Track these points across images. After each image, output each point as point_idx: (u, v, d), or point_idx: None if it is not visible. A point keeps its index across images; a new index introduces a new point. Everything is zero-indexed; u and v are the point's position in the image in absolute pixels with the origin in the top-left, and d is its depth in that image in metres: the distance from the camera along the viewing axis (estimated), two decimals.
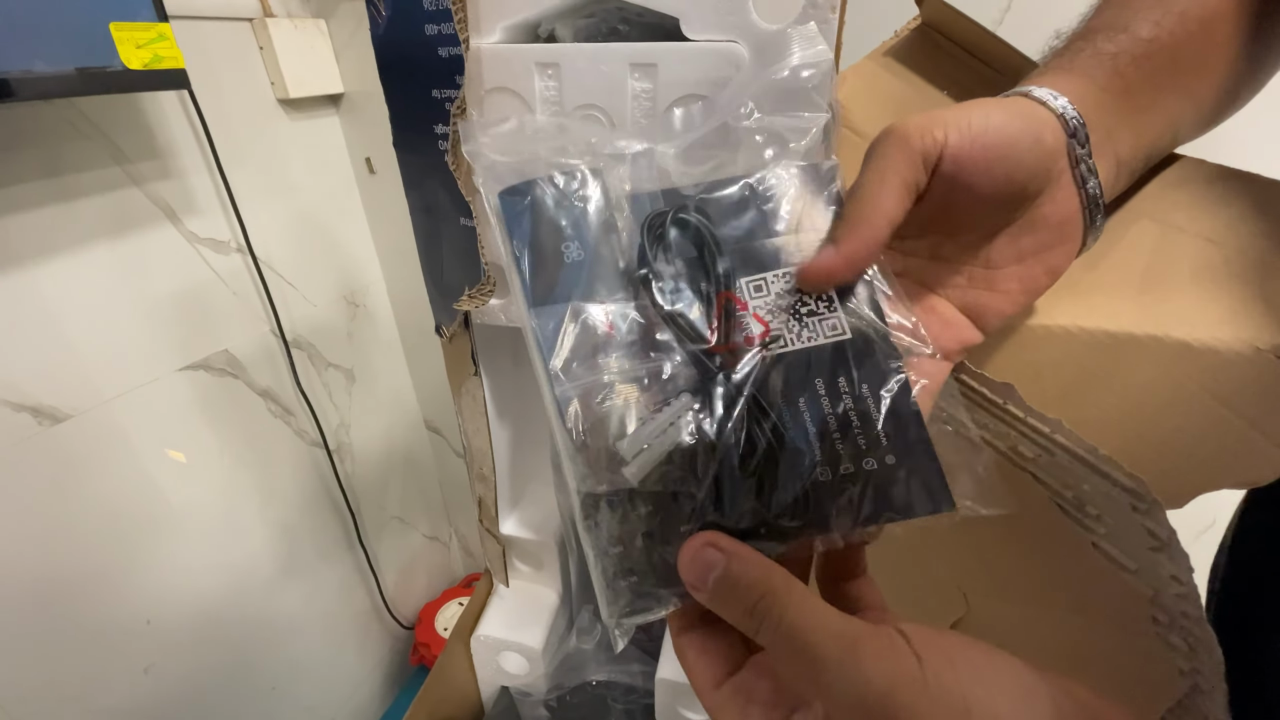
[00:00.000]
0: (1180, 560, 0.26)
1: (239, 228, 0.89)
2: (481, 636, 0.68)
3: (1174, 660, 0.27)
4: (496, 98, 0.40)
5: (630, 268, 0.25)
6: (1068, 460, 0.28)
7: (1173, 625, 0.27)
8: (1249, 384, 0.26)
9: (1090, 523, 0.29)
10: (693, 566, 0.22)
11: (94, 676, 0.83)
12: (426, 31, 0.40)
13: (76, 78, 0.59)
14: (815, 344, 0.24)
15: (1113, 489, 0.27)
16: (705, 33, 0.36)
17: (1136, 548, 0.27)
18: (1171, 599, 0.27)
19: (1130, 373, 0.29)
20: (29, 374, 0.71)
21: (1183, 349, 0.27)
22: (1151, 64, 0.29)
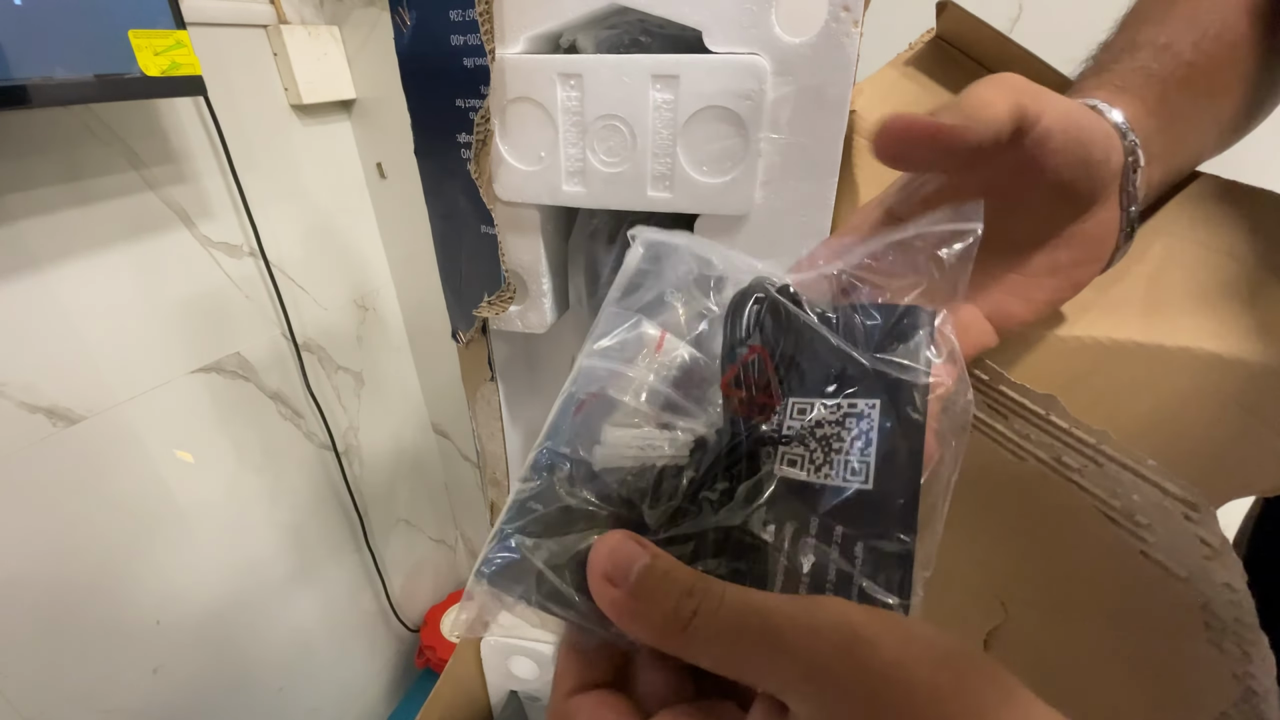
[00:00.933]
0: (1233, 567, 0.26)
1: (252, 232, 0.90)
2: (491, 641, 0.68)
3: (1227, 666, 0.28)
4: (519, 108, 0.40)
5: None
6: (1116, 470, 0.29)
7: (1225, 631, 0.27)
8: (1277, 395, 0.27)
9: (1141, 532, 0.29)
10: (614, 555, 0.19)
11: (103, 676, 0.83)
12: (452, 42, 0.40)
13: (96, 84, 0.60)
14: (831, 484, 0.22)
15: (1165, 498, 0.27)
16: (727, 45, 0.36)
17: (1188, 556, 0.27)
18: (1224, 605, 0.27)
19: (1161, 384, 0.29)
20: (44, 375, 0.72)
21: (1213, 361, 0.28)
22: (1192, 89, 0.29)
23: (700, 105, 0.37)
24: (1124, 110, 0.28)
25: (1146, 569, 0.29)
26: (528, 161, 0.42)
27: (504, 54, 0.39)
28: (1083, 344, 0.31)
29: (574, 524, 0.22)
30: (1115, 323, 0.30)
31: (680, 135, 0.38)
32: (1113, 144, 0.27)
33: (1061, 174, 0.25)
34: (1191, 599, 0.28)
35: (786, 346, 0.24)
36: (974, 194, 0.25)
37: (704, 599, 0.18)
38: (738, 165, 0.38)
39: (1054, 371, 0.31)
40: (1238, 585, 0.26)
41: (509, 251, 0.47)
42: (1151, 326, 0.30)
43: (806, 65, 0.35)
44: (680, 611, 0.18)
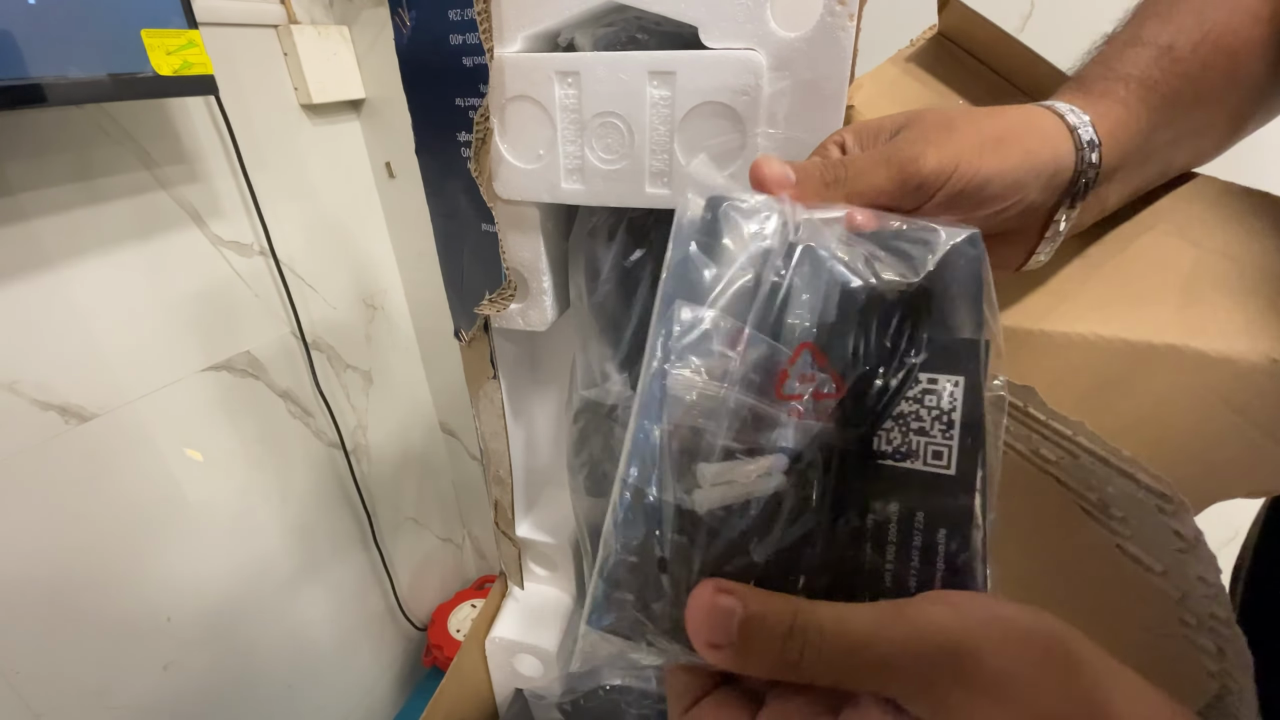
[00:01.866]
0: (1208, 562, 0.26)
1: (262, 230, 0.91)
2: (496, 638, 0.68)
3: (1203, 662, 0.27)
4: (517, 105, 0.41)
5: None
6: (1091, 462, 0.28)
7: (1201, 627, 0.27)
8: (1264, 395, 0.26)
9: (1115, 525, 0.29)
10: (711, 617, 0.20)
11: (115, 672, 0.85)
12: (451, 41, 0.40)
13: (109, 83, 0.61)
14: (915, 469, 0.22)
15: (1138, 491, 0.27)
16: (723, 41, 0.36)
17: (1163, 549, 0.27)
18: (1199, 600, 0.27)
19: (1148, 381, 0.29)
20: (57, 373, 0.73)
21: (1200, 359, 0.28)
22: (1183, 99, 0.29)
23: (697, 101, 0.37)
24: (1110, 131, 0.28)
25: (1122, 563, 0.29)
26: (527, 159, 0.42)
27: (502, 53, 0.40)
28: (1070, 340, 0.31)
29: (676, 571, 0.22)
30: (1103, 319, 0.30)
31: (678, 131, 0.38)
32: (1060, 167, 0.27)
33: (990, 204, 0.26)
34: (1167, 593, 0.28)
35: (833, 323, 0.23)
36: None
37: (805, 636, 0.19)
38: (736, 160, 0.38)
39: (1041, 367, 0.31)
40: (1212, 579, 0.26)
41: (509, 249, 0.47)
42: (1140, 324, 0.30)
43: (802, 60, 0.35)
44: (788, 656, 0.19)
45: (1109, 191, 0.30)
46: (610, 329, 0.50)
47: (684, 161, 0.39)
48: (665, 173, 0.40)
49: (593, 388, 0.53)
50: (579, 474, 0.59)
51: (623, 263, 0.47)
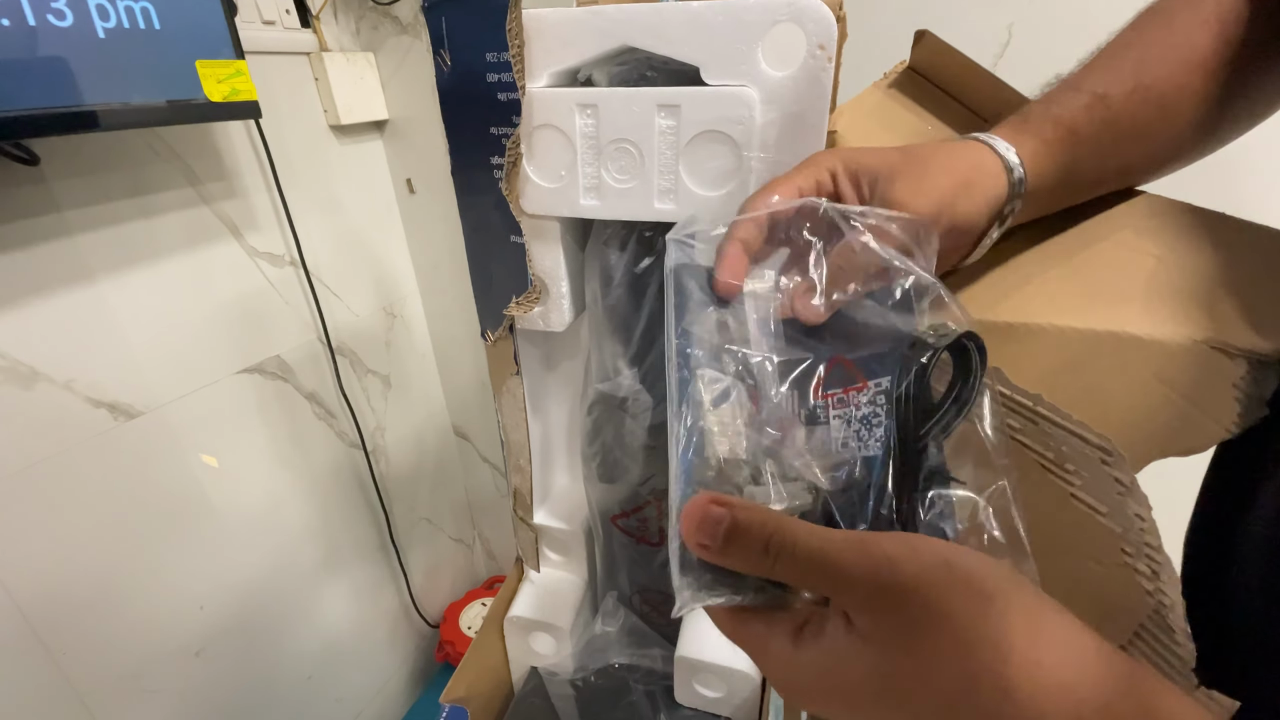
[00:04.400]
0: (1142, 501, 0.32)
1: (293, 242, 0.97)
2: (513, 618, 0.74)
3: (1141, 583, 0.33)
4: (543, 133, 0.47)
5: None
6: (1048, 427, 0.34)
7: (1138, 555, 0.33)
8: (1187, 369, 0.32)
9: (1069, 477, 0.35)
10: (703, 523, 0.24)
11: (152, 656, 0.90)
12: (488, 79, 0.47)
13: (167, 109, 0.67)
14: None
15: (1086, 447, 0.33)
16: (721, 78, 0.42)
17: (1107, 494, 0.33)
18: (1136, 533, 0.32)
19: (1095, 362, 0.35)
20: (107, 374, 0.79)
21: (1136, 342, 0.33)
22: (1102, 141, 0.35)
23: (699, 129, 0.43)
24: (1032, 167, 0.34)
25: (1076, 509, 0.35)
26: (550, 180, 0.48)
27: (531, 88, 0.46)
28: (1029, 329, 0.37)
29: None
30: (1058, 311, 0.36)
31: (682, 155, 0.44)
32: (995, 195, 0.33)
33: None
34: (1111, 530, 0.34)
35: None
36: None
37: (780, 548, 0.23)
38: (732, 180, 0.44)
39: (1005, 353, 0.37)
40: (1146, 515, 0.32)
41: (534, 258, 0.53)
42: (1087, 314, 0.36)
43: (789, 95, 0.41)
44: (763, 561, 0.23)
45: (1024, 211, 0.36)
46: (622, 329, 0.56)
47: (688, 181, 0.45)
48: (671, 191, 0.46)
49: (606, 381, 0.58)
50: (592, 462, 0.64)
51: (633, 270, 0.53)
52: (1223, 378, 0.32)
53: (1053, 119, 0.36)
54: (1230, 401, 0.32)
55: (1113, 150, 0.36)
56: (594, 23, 0.43)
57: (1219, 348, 0.32)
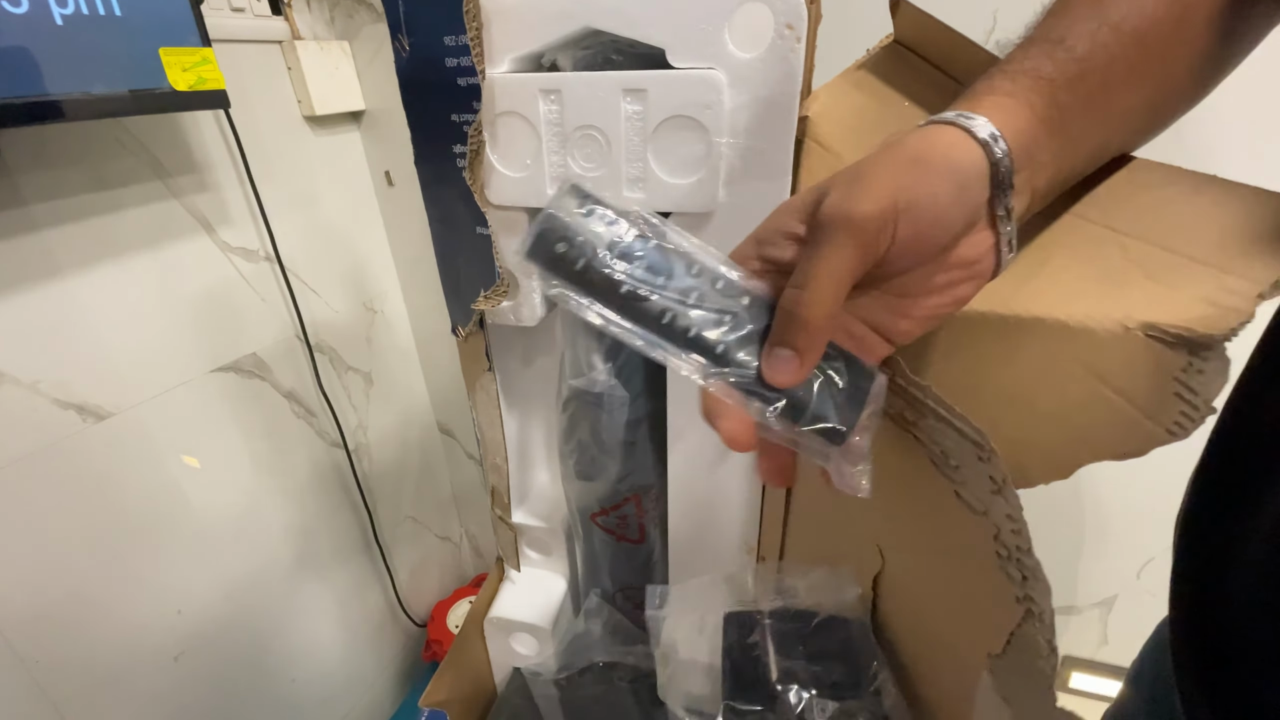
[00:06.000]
0: (1013, 501, 0.29)
1: (268, 237, 0.95)
2: (494, 619, 0.73)
3: (1012, 589, 0.30)
4: (506, 120, 0.45)
5: None
6: (935, 420, 0.31)
7: (1010, 558, 0.30)
8: (1119, 361, 0.28)
9: (952, 473, 0.32)
10: None
11: (129, 662, 0.88)
12: (447, 64, 0.45)
13: (130, 99, 0.65)
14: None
15: (964, 441, 0.30)
16: (688, 61, 0.41)
17: (983, 492, 0.30)
18: (1009, 535, 0.29)
19: (1019, 353, 0.31)
20: (75, 374, 0.77)
21: (1063, 329, 0.30)
22: (1085, 86, 0.29)
23: (667, 115, 0.42)
24: (1009, 124, 0.28)
25: (958, 508, 0.32)
26: (515, 169, 0.47)
27: (492, 73, 0.44)
28: (965, 316, 0.32)
29: None
30: (984, 296, 0.31)
31: (650, 142, 0.43)
32: (974, 177, 0.27)
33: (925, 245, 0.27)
34: (986, 531, 0.30)
35: None
36: None
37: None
38: (702, 167, 0.42)
39: (934, 343, 0.34)
40: (1017, 517, 0.29)
41: (502, 251, 0.51)
42: (1013, 299, 0.32)
43: (758, 77, 0.39)
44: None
45: (1033, 177, 0.29)
46: None
47: (657, 169, 0.44)
48: (640, 179, 0.44)
49: (580, 377, 0.57)
50: (569, 459, 0.63)
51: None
52: (1160, 370, 0.27)
53: (1009, 74, 0.30)
54: (1170, 399, 0.27)
55: (1100, 102, 0.30)
56: (556, 4, 0.41)
57: (1155, 335, 0.27)
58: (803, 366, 0.26)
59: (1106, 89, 0.29)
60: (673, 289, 0.27)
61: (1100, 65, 0.29)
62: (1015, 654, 0.31)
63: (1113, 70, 0.29)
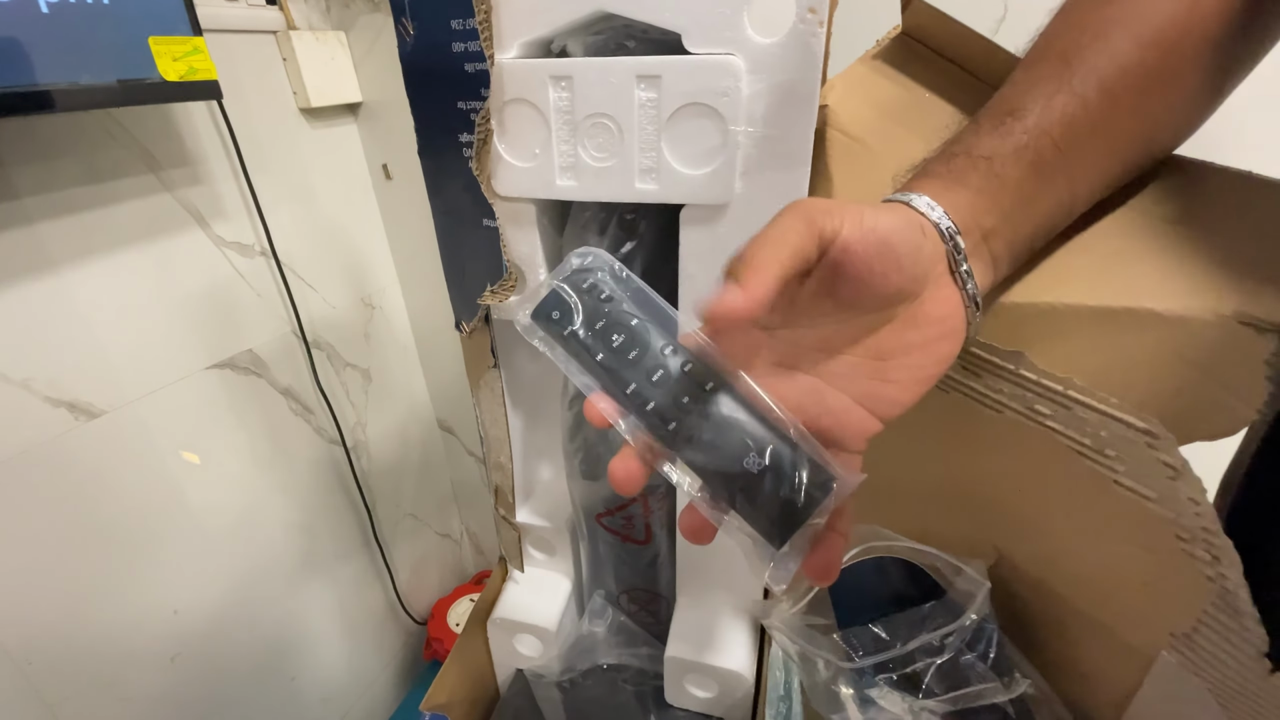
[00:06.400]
0: (1195, 484, 0.30)
1: (263, 231, 0.93)
2: (497, 620, 0.71)
3: (1200, 569, 0.31)
4: (515, 108, 0.43)
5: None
6: (1084, 412, 0.32)
7: (1195, 540, 0.31)
8: (1214, 348, 0.30)
9: (1111, 463, 0.33)
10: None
11: (125, 663, 0.87)
12: (453, 48, 0.43)
13: (119, 89, 0.63)
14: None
15: (1129, 431, 0.31)
16: (705, 46, 0.39)
17: (1155, 479, 0.31)
18: (1191, 518, 0.30)
19: (1108, 343, 0.32)
20: (66, 371, 0.75)
21: (1156, 319, 0.31)
22: (1033, 153, 0.30)
23: (682, 102, 0.40)
24: (945, 198, 0.30)
25: (1120, 495, 0.33)
26: (523, 158, 0.45)
27: (500, 59, 0.43)
28: (1037, 310, 0.34)
29: None
30: (1066, 289, 0.33)
31: (664, 131, 0.41)
32: (926, 235, 0.29)
33: (874, 270, 0.27)
34: (1162, 515, 0.31)
35: None
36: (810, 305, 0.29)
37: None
38: (718, 157, 0.41)
39: (1017, 337, 0.34)
40: (1200, 499, 0.30)
41: (509, 243, 0.50)
42: (1098, 290, 0.33)
43: (777, 63, 0.38)
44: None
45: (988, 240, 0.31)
46: None
47: (671, 159, 0.42)
48: (653, 169, 0.42)
49: None
50: (575, 458, 0.61)
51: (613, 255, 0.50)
52: (1252, 355, 0.29)
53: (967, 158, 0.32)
54: (1260, 381, 0.29)
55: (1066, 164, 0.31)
56: None
57: (1247, 322, 0.29)
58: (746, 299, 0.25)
59: (1063, 149, 0.30)
60: (642, 366, 0.29)
61: (1054, 129, 0.30)
62: (1213, 629, 0.32)
63: (1072, 129, 0.30)
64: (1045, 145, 0.30)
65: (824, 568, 0.28)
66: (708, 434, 0.28)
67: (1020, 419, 0.36)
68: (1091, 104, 0.30)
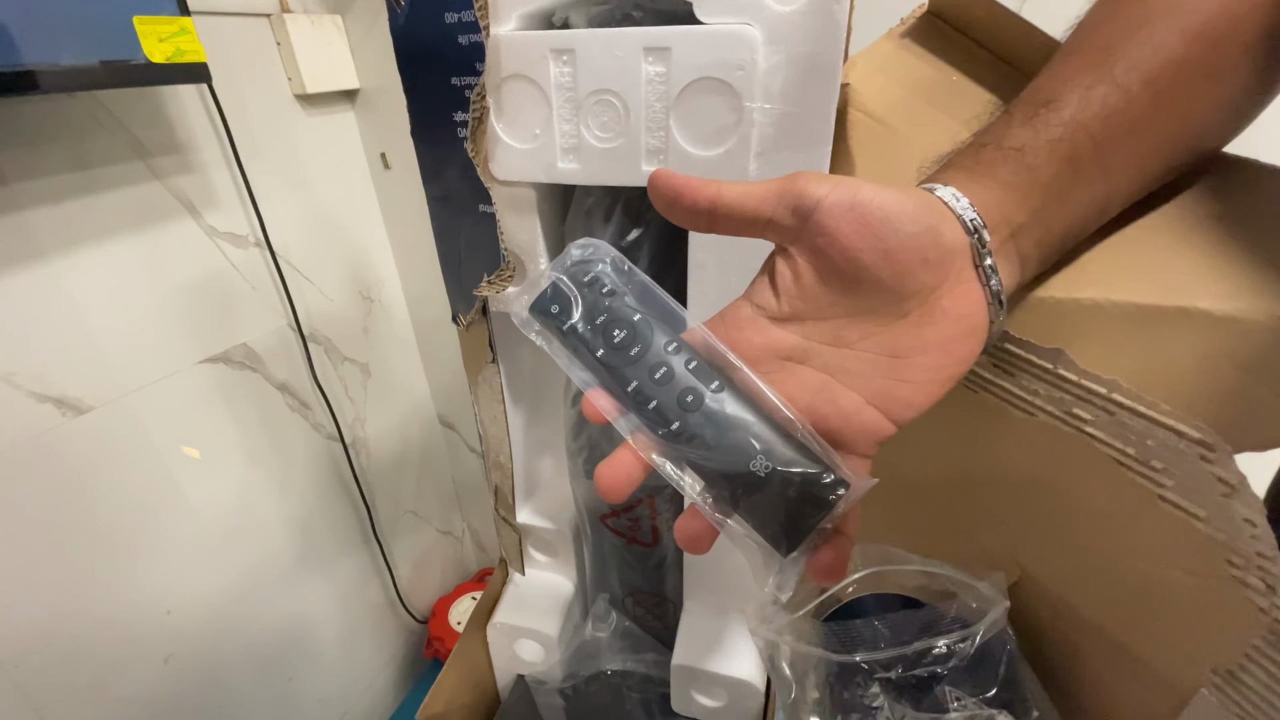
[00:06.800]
0: (1253, 504, 0.27)
1: (257, 222, 0.91)
2: (497, 624, 0.69)
3: (1253, 599, 0.28)
4: (513, 85, 0.40)
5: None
6: (1129, 418, 0.29)
7: (1248, 566, 0.28)
8: (1269, 352, 0.27)
9: (1158, 476, 0.30)
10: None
11: (116, 665, 0.85)
12: (446, 20, 0.40)
13: (101, 70, 0.61)
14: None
15: (1180, 441, 0.28)
16: (718, 16, 0.36)
17: (1207, 496, 0.28)
18: (1246, 541, 0.28)
19: (1157, 343, 0.29)
20: (53, 365, 0.73)
21: (1206, 319, 0.28)
22: (1069, 147, 0.28)
23: (693, 77, 0.37)
24: (971, 190, 0.28)
25: (1166, 512, 0.30)
26: (523, 140, 0.42)
27: (497, 31, 0.40)
28: (1080, 305, 0.31)
29: None
30: (1112, 284, 0.31)
31: (673, 108, 0.38)
32: (946, 222, 0.27)
33: (870, 247, 0.26)
34: (1212, 537, 0.29)
35: None
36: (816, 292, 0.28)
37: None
38: (731, 137, 0.38)
39: (1053, 333, 0.31)
40: (1259, 521, 0.27)
41: (507, 231, 0.47)
42: (1148, 288, 0.30)
43: (797, 33, 0.35)
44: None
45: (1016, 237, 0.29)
46: None
47: (680, 139, 0.39)
48: (661, 150, 0.40)
49: None
50: (578, 457, 0.59)
51: (619, 244, 0.47)
52: None
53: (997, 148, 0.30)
54: None
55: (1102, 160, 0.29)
56: None
57: None
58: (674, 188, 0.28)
59: (1101, 145, 0.28)
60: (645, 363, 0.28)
61: (1093, 123, 0.28)
62: (1261, 666, 0.29)
63: (1111, 124, 0.28)
64: (1082, 140, 0.28)
65: (830, 568, 0.27)
66: (712, 434, 0.26)
67: (1055, 423, 0.33)
68: (1133, 98, 0.28)
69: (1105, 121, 0.28)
